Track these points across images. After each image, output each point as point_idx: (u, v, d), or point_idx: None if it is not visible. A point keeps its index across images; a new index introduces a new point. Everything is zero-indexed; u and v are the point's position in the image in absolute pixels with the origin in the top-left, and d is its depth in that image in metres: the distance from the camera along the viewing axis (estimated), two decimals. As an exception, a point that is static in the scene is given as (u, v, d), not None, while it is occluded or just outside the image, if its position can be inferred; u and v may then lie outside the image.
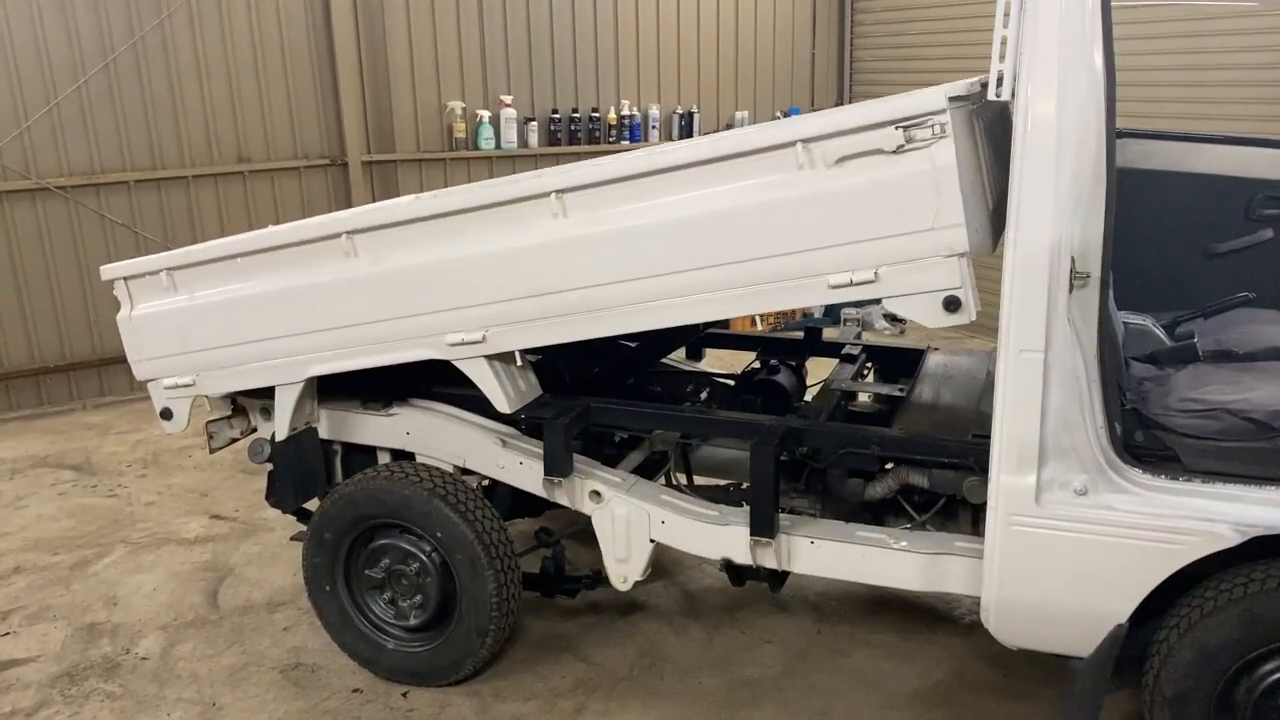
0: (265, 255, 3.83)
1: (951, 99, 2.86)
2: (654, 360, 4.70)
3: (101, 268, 4.19)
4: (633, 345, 4.63)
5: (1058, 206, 2.83)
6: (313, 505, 4.23)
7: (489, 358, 3.61)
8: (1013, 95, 2.84)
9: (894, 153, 2.91)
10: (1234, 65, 6.49)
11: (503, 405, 3.67)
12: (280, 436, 3.99)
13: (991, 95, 2.85)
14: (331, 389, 4.13)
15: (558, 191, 3.35)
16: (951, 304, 2.94)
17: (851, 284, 3.03)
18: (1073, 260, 2.85)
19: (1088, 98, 2.81)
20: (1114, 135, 2.84)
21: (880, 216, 2.96)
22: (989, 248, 3.03)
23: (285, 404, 3.94)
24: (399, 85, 8.45)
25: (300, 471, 4.07)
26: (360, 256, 3.66)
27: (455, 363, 3.66)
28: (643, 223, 3.26)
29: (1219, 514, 2.86)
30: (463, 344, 3.58)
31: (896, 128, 2.89)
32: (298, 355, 3.84)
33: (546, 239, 3.38)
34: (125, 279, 4.12)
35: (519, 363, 3.67)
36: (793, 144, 3.03)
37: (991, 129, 3.29)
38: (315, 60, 8.09)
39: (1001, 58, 2.85)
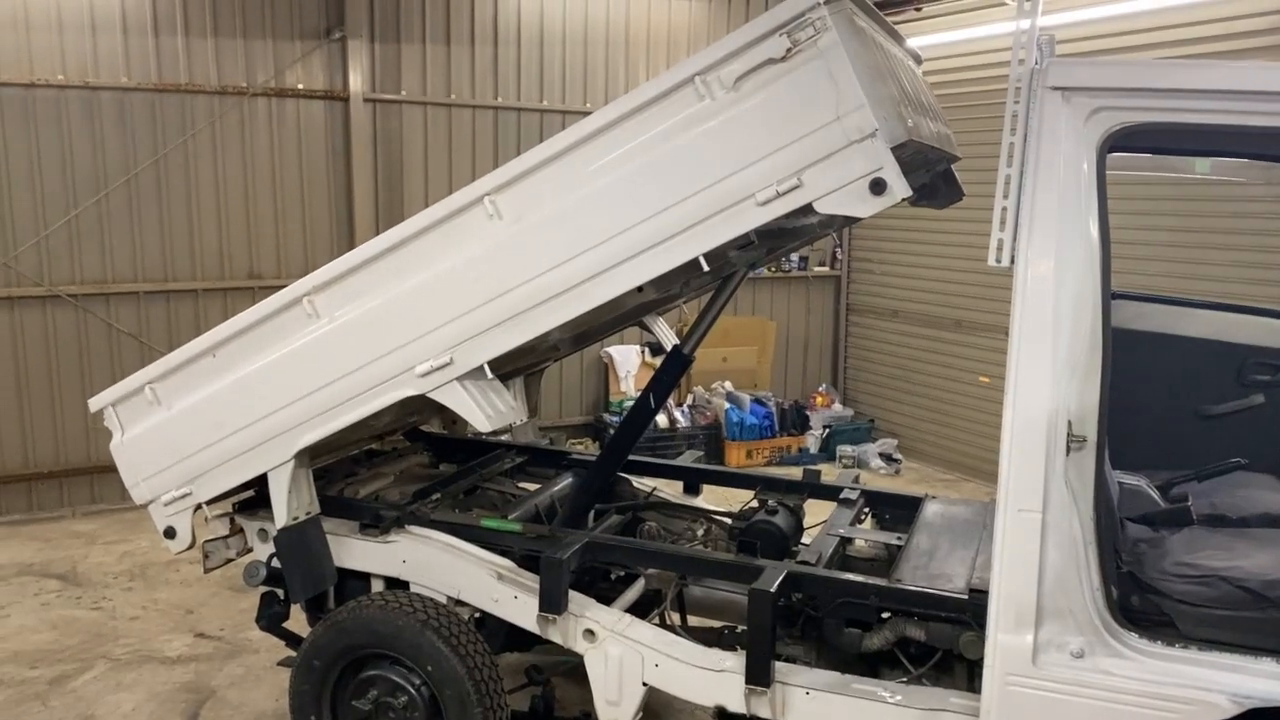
0: (237, 340, 3.91)
1: None
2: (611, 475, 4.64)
3: (90, 400, 4.25)
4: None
5: (1055, 372, 2.92)
6: (302, 631, 4.19)
7: (461, 380, 3.62)
8: (1012, 262, 2.96)
9: (784, 59, 3.08)
10: (1224, 230, 6.70)
11: (482, 424, 3.65)
12: (280, 524, 3.95)
13: (992, 262, 2.97)
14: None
15: (488, 194, 3.47)
16: (878, 186, 3.03)
17: (779, 195, 3.14)
18: (1069, 424, 2.92)
19: (1084, 266, 2.92)
20: (1109, 302, 2.94)
21: (788, 121, 3.10)
22: (902, 134, 3.09)
23: (280, 488, 3.92)
24: (413, 211, 8.63)
25: (307, 561, 4.01)
26: (322, 316, 3.75)
27: (431, 395, 3.66)
28: (575, 198, 3.37)
29: (1216, 684, 2.86)
30: (432, 371, 3.61)
31: (780, 34, 3.08)
32: (283, 431, 3.85)
33: (488, 243, 3.49)
34: (113, 405, 4.17)
35: (489, 375, 3.66)
36: (690, 80, 3.21)
37: (880, 44, 3.40)
38: (332, 183, 8.34)
39: (1002, 225, 2.98)
